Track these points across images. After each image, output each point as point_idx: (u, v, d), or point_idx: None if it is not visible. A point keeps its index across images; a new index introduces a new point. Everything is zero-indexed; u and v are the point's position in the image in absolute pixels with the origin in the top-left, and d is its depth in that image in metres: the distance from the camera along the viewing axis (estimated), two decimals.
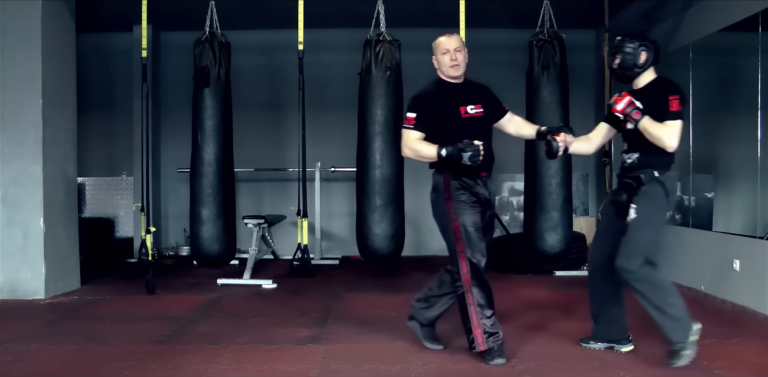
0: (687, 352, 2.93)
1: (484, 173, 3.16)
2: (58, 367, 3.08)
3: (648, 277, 2.98)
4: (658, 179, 2.99)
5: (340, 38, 6.63)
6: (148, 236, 4.86)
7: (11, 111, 4.74)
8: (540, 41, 4.80)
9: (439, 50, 3.21)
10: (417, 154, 3.12)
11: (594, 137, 3.33)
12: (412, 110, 3.17)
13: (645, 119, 2.95)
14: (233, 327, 3.85)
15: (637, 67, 3.04)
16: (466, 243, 3.07)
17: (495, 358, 3.04)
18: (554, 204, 4.86)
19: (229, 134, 4.94)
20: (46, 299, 4.70)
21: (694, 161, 5.00)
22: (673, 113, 2.94)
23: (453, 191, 3.12)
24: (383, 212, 4.58)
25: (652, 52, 3.03)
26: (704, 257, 4.80)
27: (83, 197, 7.16)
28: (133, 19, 6.15)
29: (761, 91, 4.10)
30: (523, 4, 5.47)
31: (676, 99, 2.94)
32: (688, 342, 2.93)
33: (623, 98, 3.00)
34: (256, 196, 7.12)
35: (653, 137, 2.95)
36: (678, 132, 2.94)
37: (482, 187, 3.15)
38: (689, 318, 2.97)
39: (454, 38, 3.21)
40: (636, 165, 3.06)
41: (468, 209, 3.11)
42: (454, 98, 3.17)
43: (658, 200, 3.00)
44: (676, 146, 2.94)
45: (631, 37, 3.04)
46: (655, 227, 3.03)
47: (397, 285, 5.27)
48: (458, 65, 3.16)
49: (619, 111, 3.00)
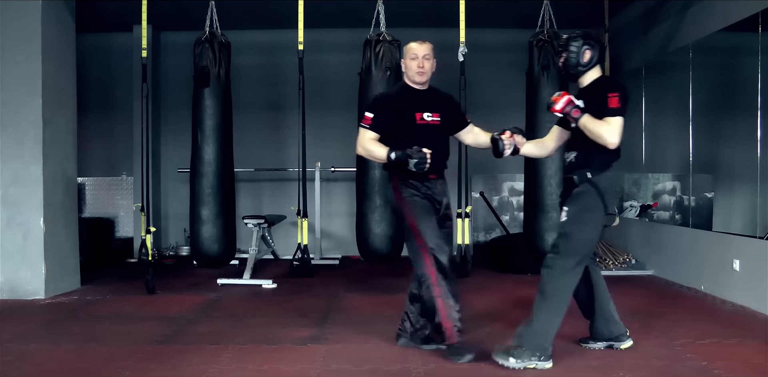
0: (512, 361, 2.93)
1: (432, 175, 3.23)
2: (58, 367, 3.08)
3: (557, 282, 2.99)
4: (590, 180, 3.03)
5: (340, 38, 6.63)
6: (148, 236, 4.86)
7: (11, 111, 4.74)
8: (540, 41, 4.80)
9: (408, 55, 3.27)
10: (369, 153, 3.21)
11: (548, 140, 3.38)
12: (370, 110, 3.26)
13: (584, 117, 2.98)
14: (233, 327, 3.85)
15: (581, 66, 3.09)
16: (425, 238, 3.12)
17: (465, 355, 3.07)
18: (554, 204, 4.84)
19: (229, 134, 4.94)
20: (46, 299, 4.70)
21: (694, 161, 5.00)
22: (612, 110, 2.96)
23: (406, 195, 3.19)
24: (383, 212, 4.57)
25: (596, 51, 3.08)
26: (704, 257, 4.80)
27: (83, 197, 7.16)
28: (133, 19, 6.15)
29: (761, 92, 4.10)
30: (523, 4, 5.47)
31: (615, 96, 2.96)
32: (523, 356, 2.94)
33: (561, 97, 3.04)
34: (256, 196, 7.12)
35: (593, 135, 2.97)
36: (618, 129, 2.96)
37: (429, 189, 3.23)
38: (547, 346, 2.97)
39: (425, 46, 3.28)
40: (573, 164, 3.11)
41: (421, 206, 3.19)
42: (413, 104, 3.25)
43: (589, 200, 3.03)
44: (616, 143, 2.97)
45: (575, 37, 3.09)
46: (586, 227, 3.04)
47: (397, 285, 5.26)
48: (424, 72, 3.24)
49: (558, 110, 3.04)
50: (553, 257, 3.04)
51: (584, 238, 3.04)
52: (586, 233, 3.04)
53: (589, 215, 3.04)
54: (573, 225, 3.04)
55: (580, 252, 3.02)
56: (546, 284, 3.01)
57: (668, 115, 5.56)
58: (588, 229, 3.04)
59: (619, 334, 3.25)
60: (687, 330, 3.66)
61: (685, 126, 5.07)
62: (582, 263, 3.04)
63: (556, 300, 2.99)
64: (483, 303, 4.41)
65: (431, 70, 3.27)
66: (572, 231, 3.04)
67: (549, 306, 2.99)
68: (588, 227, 3.04)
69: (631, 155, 6.12)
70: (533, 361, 2.95)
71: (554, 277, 3.00)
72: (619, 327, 3.26)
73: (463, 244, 4.71)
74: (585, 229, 3.03)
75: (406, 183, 3.20)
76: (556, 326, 3.00)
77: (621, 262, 5.92)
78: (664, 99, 5.65)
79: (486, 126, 3.53)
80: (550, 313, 2.98)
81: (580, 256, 3.02)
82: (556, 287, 3.00)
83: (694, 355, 3.17)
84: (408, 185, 3.20)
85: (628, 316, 4.02)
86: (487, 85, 6.43)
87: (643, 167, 5.94)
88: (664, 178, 5.66)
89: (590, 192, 3.03)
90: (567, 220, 3.07)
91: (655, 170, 5.81)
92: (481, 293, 4.77)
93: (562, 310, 3.01)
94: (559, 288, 3.00)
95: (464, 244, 4.71)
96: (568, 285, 3.02)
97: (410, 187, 3.20)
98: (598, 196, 3.02)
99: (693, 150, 5.00)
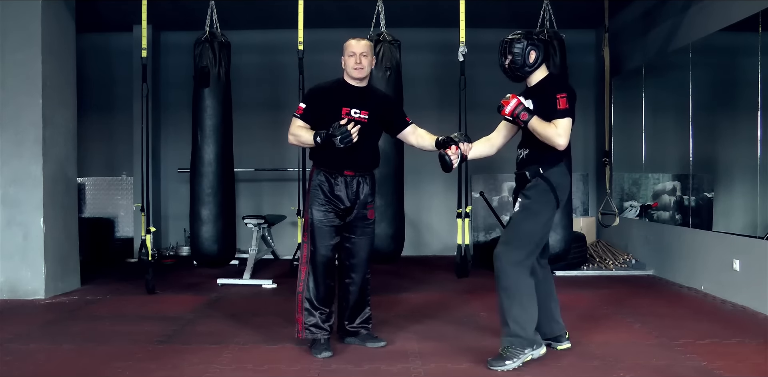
0: (509, 363, 2.95)
1: (349, 172, 3.26)
2: (58, 367, 3.08)
3: (510, 275, 3.00)
4: (542, 175, 3.05)
5: (340, 38, 6.60)
6: (148, 236, 4.86)
7: (11, 111, 4.74)
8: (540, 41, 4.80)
9: (347, 52, 3.31)
10: (298, 139, 3.28)
11: (495, 137, 3.37)
12: (304, 100, 3.35)
13: (533, 120, 3.00)
14: (233, 327, 3.85)
15: (527, 67, 3.10)
16: (310, 236, 3.26)
17: (322, 352, 3.19)
18: None
19: (229, 134, 4.94)
20: (46, 299, 4.70)
21: (694, 161, 5.01)
22: (561, 112, 2.97)
23: (312, 188, 3.29)
24: (383, 212, 4.57)
25: (541, 50, 3.10)
26: (704, 257, 4.80)
27: (83, 197, 7.16)
28: (133, 19, 6.15)
29: (761, 91, 4.10)
30: (523, 4, 5.47)
31: (563, 97, 2.97)
32: (515, 354, 2.97)
33: (510, 100, 3.05)
34: (256, 196, 7.12)
35: (542, 137, 3.00)
36: (566, 130, 2.97)
37: (345, 187, 3.27)
38: (531, 337, 2.99)
39: (363, 43, 3.32)
40: (525, 161, 3.14)
41: (320, 206, 3.26)
42: (342, 99, 3.29)
43: (542, 195, 3.04)
44: (565, 145, 2.99)
45: (518, 38, 3.10)
46: (533, 219, 3.04)
47: (397, 285, 5.28)
48: (362, 69, 3.28)
49: (507, 114, 3.05)
50: (502, 250, 3.05)
51: (529, 230, 3.03)
52: (532, 225, 3.04)
53: (537, 208, 3.05)
54: (519, 216, 3.07)
55: (526, 245, 3.02)
56: (503, 279, 3.02)
57: (668, 115, 5.56)
58: (534, 221, 3.04)
59: (558, 334, 3.26)
60: (687, 330, 3.66)
61: (685, 126, 5.07)
62: (530, 258, 3.04)
63: (521, 292, 3.00)
64: (483, 303, 4.41)
65: (369, 67, 3.32)
66: (517, 221, 3.06)
67: (516, 301, 2.99)
68: (535, 219, 3.04)
69: (631, 155, 6.13)
70: (527, 354, 2.97)
71: (507, 271, 3.00)
72: (559, 326, 3.26)
73: (463, 244, 4.71)
74: (531, 220, 3.04)
75: (322, 180, 3.26)
76: (533, 315, 3.01)
77: (621, 262, 5.92)
78: (664, 99, 5.65)
79: (486, 126, 3.52)
80: (521, 306, 2.99)
81: (526, 249, 3.01)
82: (512, 280, 3.00)
83: (694, 355, 3.17)
84: (324, 180, 3.26)
85: (629, 316, 4.03)
86: (487, 85, 6.43)
87: (643, 167, 5.94)
88: (664, 178, 5.66)
89: (542, 186, 3.05)
90: (516, 211, 3.09)
91: (655, 170, 5.81)
92: (481, 293, 4.77)
93: (531, 300, 3.02)
94: (516, 280, 3.00)
95: (464, 244, 4.71)
96: (525, 277, 3.02)
97: (323, 184, 3.26)
98: (550, 191, 3.04)
99: (693, 150, 5.00)
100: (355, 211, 3.31)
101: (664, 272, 5.46)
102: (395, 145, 4.56)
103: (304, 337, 3.26)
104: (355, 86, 3.33)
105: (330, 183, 3.26)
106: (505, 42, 3.14)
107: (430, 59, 6.92)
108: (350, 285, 3.41)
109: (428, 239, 7.15)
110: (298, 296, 3.27)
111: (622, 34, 6.33)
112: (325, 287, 3.28)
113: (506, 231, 3.14)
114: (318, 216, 3.25)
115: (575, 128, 3.18)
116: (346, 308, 3.44)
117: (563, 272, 5.69)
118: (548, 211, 3.06)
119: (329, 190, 3.26)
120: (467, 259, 4.80)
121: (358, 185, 3.29)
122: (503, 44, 3.14)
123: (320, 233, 3.25)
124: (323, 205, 3.25)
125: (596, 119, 6.99)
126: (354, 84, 3.33)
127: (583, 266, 5.90)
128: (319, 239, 3.25)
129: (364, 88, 3.36)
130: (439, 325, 3.87)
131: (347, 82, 3.34)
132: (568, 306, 4.33)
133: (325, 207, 3.25)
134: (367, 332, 3.45)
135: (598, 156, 6.85)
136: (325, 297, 3.29)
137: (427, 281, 5.51)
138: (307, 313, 3.24)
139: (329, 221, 3.26)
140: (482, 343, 3.36)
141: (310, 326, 3.24)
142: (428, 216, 7.17)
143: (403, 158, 4.70)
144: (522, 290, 3.00)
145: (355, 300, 3.42)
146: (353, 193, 3.28)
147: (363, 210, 3.33)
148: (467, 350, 3.23)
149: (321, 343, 3.24)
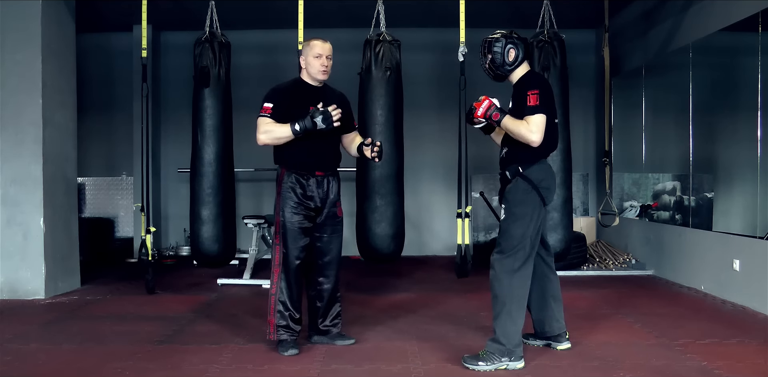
0: (482, 364, 2.95)
1: (320, 172, 3.32)
2: (58, 367, 3.08)
3: (504, 284, 3.00)
4: (522, 173, 3.05)
5: (340, 38, 6.58)
6: (148, 236, 4.85)
7: (11, 111, 4.75)
8: (540, 42, 4.80)
9: (312, 53, 3.33)
10: (271, 136, 3.24)
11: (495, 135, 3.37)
12: (269, 100, 3.35)
13: (505, 119, 3.03)
14: (233, 327, 3.85)
15: (508, 65, 3.13)
16: (282, 238, 3.28)
17: (288, 349, 3.24)
18: (554, 204, 4.84)
19: (229, 134, 4.94)
20: (46, 299, 4.71)
21: (694, 161, 5.01)
22: (531, 108, 2.98)
23: (284, 190, 3.29)
24: (383, 212, 4.57)
25: (520, 49, 3.12)
26: (704, 257, 4.80)
27: (83, 197, 7.16)
28: (133, 19, 6.15)
29: (761, 91, 4.10)
30: (523, 4, 5.47)
31: (534, 94, 2.98)
32: (491, 359, 2.96)
33: (482, 102, 3.09)
34: (256, 196, 7.12)
35: (516, 135, 3.01)
36: (538, 126, 2.96)
37: (317, 187, 3.32)
38: (513, 348, 2.98)
39: (328, 45, 3.37)
40: (505, 160, 3.16)
41: (292, 208, 3.28)
42: (308, 99, 3.32)
43: (522, 194, 3.05)
44: (538, 141, 2.97)
45: (497, 38, 3.13)
46: (520, 222, 3.04)
47: (397, 285, 5.28)
48: (327, 71, 3.34)
49: (479, 116, 3.10)
50: (496, 258, 3.05)
51: (518, 234, 3.02)
52: (520, 229, 3.03)
53: (522, 210, 3.04)
54: (507, 221, 3.06)
55: (520, 249, 3.00)
56: (495, 287, 3.02)
57: (668, 115, 5.56)
58: (521, 224, 3.03)
59: (558, 334, 3.26)
60: (687, 330, 3.66)
61: (685, 126, 5.07)
62: (528, 263, 3.03)
63: (511, 302, 2.99)
64: (483, 303, 4.40)
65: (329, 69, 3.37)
66: (505, 228, 3.06)
67: (505, 310, 2.98)
68: (521, 222, 3.03)
69: (631, 155, 6.12)
70: (503, 363, 2.96)
71: (502, 280, 3.00)
72: (559, 326, 3.26)
73: (463, 244, 4.70)
74: (518, 224, 3.03)
75: (293, 180, 3.29)
76: (519, 327, 3.00)
77: (621, 262, 5.92)
78: (664, 99, 5.65)
79: None
80: (509, 316, 2.98)
81: (523, 254, 3.00)
82: (505, 289, 2.99)
83: (694, 355, 3.17)
84: (295, 181, 3.28)
85: (629, 316, 4.03)
86: (487, 86, 6.44)
87: (643, 167, 5.94)
88: (664, 178, 5.66)
89: (522, 185, 3.05)
90: (503, 217, 3.09)
91: (655, 170, 5.81)
92: (481, 293, 4.77)
93: (520, 311, 3.01)
94: (509, 290, 2.99)
95: (464, 244, 4.70)
96: (519, 286, 3.00)
97: (294, 185, 3.28)
98: (531, 189, 3.04)
99: (693, 150, 5.00)
100: (325, 210, 3.37)
101: (664, 272, 5.46)
102: (395, 145, 4.56)
103: (275, 338, 3.29)
104: (316, 86, 3.39)
105: (302, 185, 3.29)
106: (485, 42, 3.17)
107: (430, 59, 6.92)
108: (324, 283, 3.45)
109: (428, 239, 7.14)
110: (271, 298, 3.30)
111: (622, 34, 6.33)
112: (297, 289, 3.32)
113: (498, 238, 3.13)
114: (291, 218, 3.27)
115: (575, 127, 3.19)
116: (320, 307, 3.46)
117: (563, 272, 5.69)
118: (533, 210, 3.04)
119: (302, 192, 3.29)
120: (467, 259, 4.79)
121: (328, 184, 3.37)
122: (483, 44, 3.17)
123: (292, 236, 3.28)
124: (295, 207, 3.28)
125: (596, 119, 6.98)
126: (314, 84, 3.39)
127: (583, 266, 5.90)
128: (291, 242, 3.28)
129: (323, 88, 3.42)
130: (439, 325, 3.87)
131: (306, 82, 3.39)
132: (568, 306, 4.33)
133: (297, 209, 3.28)
134: (338, 330, 3.50)
135: (598, 156, 6.85)
136: (297, 298, 3.33)
137: (428, 281, 5.51)
138: (279, 315, 3.28)
139: (300, 223, 3.29)
140: (482, 343, 3.34)
141: (281, 327, 3.28)
142: (428, 216, 7.16)
143: (403, 158, 4.70)
144: (514, 300, 2.99)
145: (328, 297, 3.46)
146: (324, 193, 3.35)
147: (333, 209, 3.41)
148: (467, 350, 3.23)
149: (288, 342, 3.29)
